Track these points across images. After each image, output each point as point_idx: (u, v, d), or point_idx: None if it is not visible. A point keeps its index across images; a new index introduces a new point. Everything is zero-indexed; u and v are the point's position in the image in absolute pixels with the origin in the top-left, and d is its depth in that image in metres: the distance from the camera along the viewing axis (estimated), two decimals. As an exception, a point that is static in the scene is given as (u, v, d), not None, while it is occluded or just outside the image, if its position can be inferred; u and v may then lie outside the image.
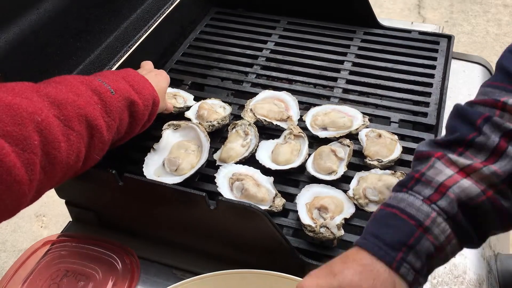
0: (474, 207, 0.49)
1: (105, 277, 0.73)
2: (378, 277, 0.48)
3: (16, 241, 2.00)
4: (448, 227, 0.49)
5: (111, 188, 0.72)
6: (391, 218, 0.50)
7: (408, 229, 0.48)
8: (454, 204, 0.49)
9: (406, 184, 0.52)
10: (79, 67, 0.86)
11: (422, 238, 0.48)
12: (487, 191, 0.49)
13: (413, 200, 0.50)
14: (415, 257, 0.48)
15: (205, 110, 0.89)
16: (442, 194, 0.49)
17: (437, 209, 0.49)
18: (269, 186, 0.78)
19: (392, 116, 0.92)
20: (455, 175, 0.49)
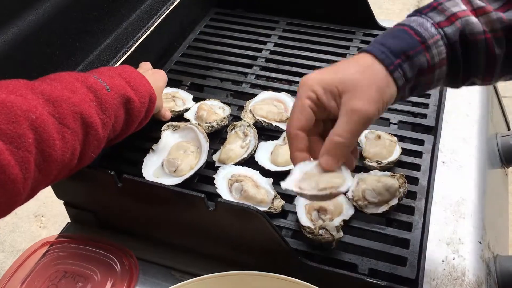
0: (472, 42, 0.54)
1: (103, 278, 0.73)
2: (376, 75, 0.53)
3: (15, 241, 2.00)
4: (445, 51, 0.54)
5: (110, 189, 0.72)
6: (400, 32, 0.55)
7: (412, 42, 0.54)
8: (457, 33, 0.54)
9: (422, 10, 0.57)
10: (79, 68, 0.85)
11: (421, 53, 0.54)
12: (487, 33, 0.54)
13: (424, 21, 0.55)
14: (409, 66, 0.54)
15: (204, 111, 0.89)
16: (451, 22, 0.54)
17: (442, 33, 0.54)
18: (268, 187, 0.78)
19: (391, 117, 0.92)
20: (467, 11, 0.54)
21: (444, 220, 0.80)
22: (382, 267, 0.69)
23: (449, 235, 0.78)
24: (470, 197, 0.84)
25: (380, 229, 0.74)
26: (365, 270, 0.69)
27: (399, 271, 0.69)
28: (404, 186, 0.76)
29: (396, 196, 0.75)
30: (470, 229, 0.79)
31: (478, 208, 0.82)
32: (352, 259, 0.71)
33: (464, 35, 0.54)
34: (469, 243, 0.77)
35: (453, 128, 0.95)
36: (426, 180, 0.79)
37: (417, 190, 0.78)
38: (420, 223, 0.74)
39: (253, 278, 0.65)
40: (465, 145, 0.92)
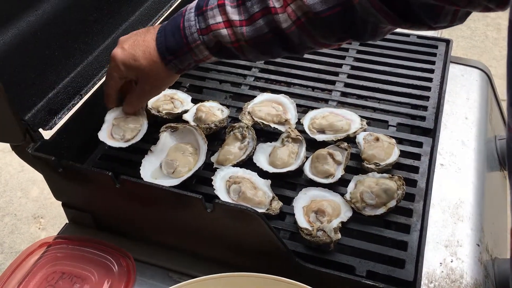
0: (225, 47, 0.70)
1: (101, 280, 0.73)
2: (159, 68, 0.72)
3: (14, 242, 2.00)
4: (207, 51, 0.71)
5: (108, 190, 0.72)
6: (176, 31, 0.70)
7: (181, 44, 0.70)
8: (212, 41, 0.69)
9: (202, 6, 0.69)
10: (77, 69, 0.86)
11: (187, 54, 0.71)
12: (235, 43, 0.69)
13: (193, 25, 0.69)
14: (179, 62, 0.72)
15: (203, 113, 0.89)
16: (208, 32, 0.69)
17: (202, 39, 0.69)
18: (266, 189, 0.78)
19: (390, 119, 0.92)
20: (221, 23, 0.68)
21: (442, 222, 0.80)
22: (380, 269, 0.69)
23: (447, 237, 0.78)
24: (469, 200, 0.84)
25: (378, 231, 0.74)
26: (363, 272, 0.69)
27: (397, 273, 0.69)
28: (402, 188, 0.76)
29: (394, 198, 0.75)
30: (468, 231, 0.79)
31: (476, 210, 0.82)
32: (350, 261, 0.70)
33: (218, 42, 0.69)
34: (468, 245, 0.77)
35: (451, 131, 0.95)
36: (424, 183, 0.79)
37: (416, 192, 0.78)
38: (418, 225, 0.73)
39: (251, 280, 0.65)
40: (464, 147, 0.92)
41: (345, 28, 0.66)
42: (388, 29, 0.68)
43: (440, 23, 0.64)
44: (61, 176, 0.74)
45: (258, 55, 0.72)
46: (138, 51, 0.72)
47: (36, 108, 0.77)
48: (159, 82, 0.76)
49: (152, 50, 0.72)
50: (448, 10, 0.62)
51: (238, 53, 0.71)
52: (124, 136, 0.80)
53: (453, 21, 0.64)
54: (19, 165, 2.27)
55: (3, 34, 0.73)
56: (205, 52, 0.71)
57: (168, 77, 0.76)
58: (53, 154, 0.73)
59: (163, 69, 0.73)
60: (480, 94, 1.05)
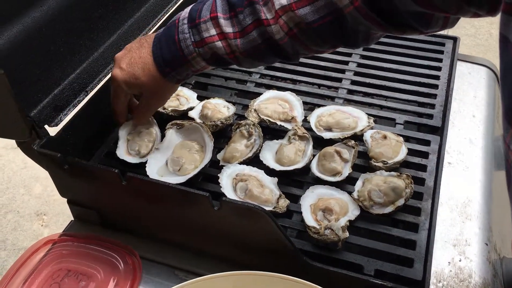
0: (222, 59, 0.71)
1: (106, 277, 0.72)
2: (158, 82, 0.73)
3: (17, 239, 2.00)
4: (204, 62, 0.72)
5: (114, 187, 0.72)
6: (171, 43, 0.71)
7: (178, 56, 0.71)
8: (208, 53, 0.70)
9: (194, 18, 0.70)
10: (83, 65, 0.85)
11: (184, 65, 0.72)
12: (230, 54, 0.70)
13: (188, 37, 0.70)
14: (177, 73, 0.73)
15: (209, 110, 0.89)
16: (203, 45, 0.69)
17: (197, 51, 0.70)
18: (273, 187, 0.78)
19: (397, 117, 0.91)
20: (215, 36, 0.69)
21: (450, 221, 0.79)
22: (388, 268, 0.69)
23: (455, 236, 0.77)
24: (477, 199, 0.83)
25: (386, 230, 0.73)
26: (371, 271, 0.68)
27: (405, 273, 0.68)
28: (410, 187, 0.75)
29: (402, 196, 0.74)
30: (476, 230, 0.78)
31: (484, 209, 0.82)
32: (357, 260, 0.70)
33: (214, 53, 0.70)
34: (476, 244, 0.76)
35: (459, 129, 0.95)
36: (432, 181, 0.78)
37: (424, 191, 0.78)
38: (427, 224, 0.73)
39: (258, 278, 0.64)
40: (472, 146, 0.92)
41: (337, 36, 0.67)
42: (380, 34, 0.69)
43: (432, 28, 0.64)
44: (67, 173, 0.73)
45: (254, 63, 0.73)
46: (137, 69, 0.73)
47: (41, 104, 0.77)
48: (162, 95, 0.78)
49: (151, 66, 0.72)
50: (439, 17, 0.62)
51: (234, 62, 0.72)
52: (140, 152, 0.82)
53: (444, 25, 0.64)
54: (22, 162, 2.27)
55: (8, 30, 0.73)
56: (202, 63, 0.72)
57: (169, 88, 0.77)
58: (58, 150, 0.72)
59: (163, 82, 0.74)
60: (487, 92, 1.04)
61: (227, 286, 0.64)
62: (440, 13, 0.61)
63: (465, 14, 0.59)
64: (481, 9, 0.56)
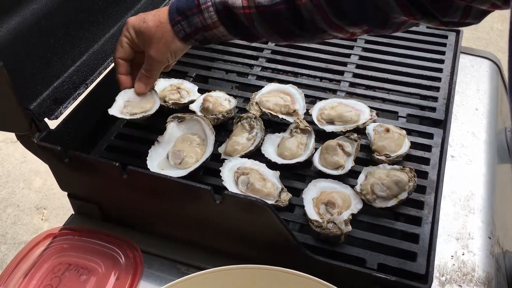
0: (235, 14, 0.69)
1: (107, 271, 0.72)
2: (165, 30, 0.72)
3: (17, 233, 1.99)
4: (216, 16, 0.69)
5: (114, 180, 0.71)
6: None
7: (192, 4, 0.69)
8: (222, 5, 0.68)
9: None
10: (83, 58, 0.84)
11: (196, 15, 0.70)
12: (246, 9, 0.67)
13: None
14: (187, 24, 0.71)
15: (210, 103, 0.88)
16: None
17: (213, 1, 0.68)
18: (275, 180, 0.77)
19: (400, 110, 0.90)
20: None
21: (453, 215, 0.79)
22: (391, 262, 0.68)
23: (458, 230, 0.77)
24: (480, 192, 0.82)
25: (389, 223, 0.73)
26: (374, 265, 0.68)
27: (408, 266, 0.67)
28: (413, 180, 0.75)
29: (405, 190, 0.74)
30: (479, 224, 0.78)
31: (487, 203, 0.81)
32: (360, 254, 0.69)
33: (229, 7, 0.67)
34: (479, 238, 0.76)
35: (462, 122, 0.94)
36: (435, 174, 0.78)
37: (427, 184, 0.77)
38: (430, 218, 0.72)
39: (260, 272, 0.64)
40: (475, 139, 0.91)
41: (357, 9, 0.65)
42: (400, 22, 0.67)
43: (450, 17, 0.63)
44: (67, 166, 0.72)
45: (267, 28, 0.70)
46: (149, 15, 0.74)
47: (41, 97, 0.76)
48: (164, 46, 0.74)
49: (162, 13, 0.72)
50: (458, 6, 0.61)
51: (247, 23, 0.69)
52: (132, 111, 0.79)
53: (465, 17, 0.63)
54: (21, 155, 2.27)
55: (7, 22, 0.72)
56: (215, 16, 0.69)
57: (174, 42, 0.73)
58: (58, 144, 0.72)
59: (170, 31, 0.72)
60: (490, 85, 1.03)
61: (229, 280, 0.64)
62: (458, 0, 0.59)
63: (482, 3, 0.57)
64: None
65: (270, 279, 0.63)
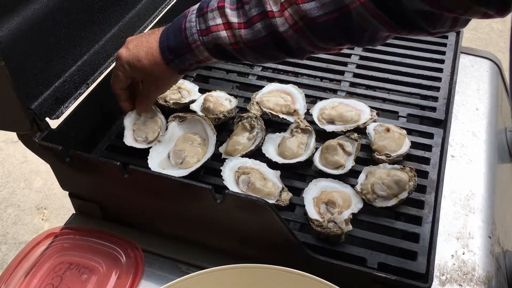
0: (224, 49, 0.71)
1: (109, 270, 0.72)
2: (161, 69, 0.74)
3: (17, 233, 1.99)
4: (207, 53, 0.72)
5: (116, 180, 0.71)
6: (178, 32, 0.72)
7: (182, 44, 0.72)
8: (211, 42, 0.70)
9: (203, 8, 0.71)
10: (84, 57, 0.84)
11: (187, 53, 0.72)
12: (234, 45, 0.69)
13: (194, 26, 0.71)
14: (180, 61, 0.73)
15: (211, 103, 0.88)
16: (208, 33, 0.70)
17: (202, 40, 0.71)
18: (276, 180, 0.77)
19: (400, 110, 0.90)
20: (221, 25, 0.69)
21: (453, 214, 0.79)
22: (391, 261, 0.68)
23: (458, 229, 0.77)
24: (480, 192, 0.83)
25: (389, 222, 0.73)
26: (374, 264, 0.68)
27: (408, 265, 0.68)
28: (413, 180, 0.75)
29: (405, 189, 0.74)
30: (480, 223, 0.78)
31: (487, 202, 0.81)
32: (361, 253, 0.70)
33: (218, 44, 0.70)
34: (479, 237, 0.76)
35: (462, 122, 0.94)
36: (436, 174, 0.78)
37: (427, 184, 0.77)
38: (430, 217, 0.72)
39: (261, 271, 0.64)
40: (475, 139, 0.91)
41: (342, 33, 0.66)
42: (386, 35, 0.67)
43: (439, 28, 0.63)
44: (68, 165, 0.73)
45: (257, 57, 0.72)
46: (141, 51, 0.74)
47: (42, 97, 0.76)
48: (162, 82, 0.78)
49: (154, 51, 0.73)
50: (447, 17, 0.61)
51: (237, 55, 0.71)
52: (147, 138, 0.83)
53: (453, 26, 0.63)
54: (22, 156, 2.27)
55: (8, 22, 0.72)
56: (205, 53, 0.72)
57: (170, 77, 0.77)
58: (60, 143, 0.72)
59: (165, 69, 0.74)
60: (490, 85, 1.03)
61: (230, 279, 0.64)
62: (448, 14, 0.59)
63: (474, 14, 0.57)
64: (490, 8, 0.55)
65: (270, 278, 0.63)
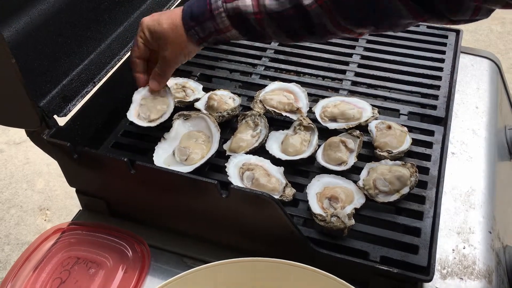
0: (245, 18, 0.70)
1: (115, 265, 0.73)
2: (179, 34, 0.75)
3: (20, 234, 2.00)
4: (228, 21, 0.72)
5: (122, 176, 0.72)
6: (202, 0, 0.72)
7: (205, 10, 0.72)
8: (234, 10, 0.70)
9: None
10: (90, 56, 0.86)
11: (209, 20, 0.72)
12: (257, 14, 0.69)
13: None
14: (200, 29, 0.74)
15: (215, 101, 0.89)
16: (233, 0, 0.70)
17: (225, 7, 0.70)
18: (280, 176, 0.79)
19: (401, 108, 0.92)
20: None
21: (454, 210, 0.80)
22: (393, 255, 0.70)
23: (459, 224, 0.78)
24: (480, 188, 0.84)
25: (391, 217, 0.74)
26: (376, 258, 0.69)
27: (410, 259, 0.69)
28: (415, 176, 0.76)
29: (407, 185, 0.75)
30: (480, 219, 0.79)
31: (488, 198, 0.83)
32: (363, 247, 0.71)
33: (240, 12, 0.70)
34: (479, 232, 0.77)
35: (462, 120, 0.96)
36: (436, 170, 0.79)
37: (428, 179, 0.78)
38: (431, 212, 0.74)
39: (265, 265, 0.65)
40: (475, 136, 0.92)
41: (366, 12, 0.66)
42: (407, 22, 0.67)
43: (460, 16, 0.63)
44: (76, 162, 0.74)
45: (278, 32, 0.72)
46: (164, 17, 0.76)
47: (50, 95, 0.77)
48: (179, 49, 0.77)
49: (177, 16, 0.75)
50: (468, 5, 0.61)
51: (259, 27, 0.71)
52: (150, 116, 0.83)
53: (475, 15, 0.63)
54: (24, 157, 2.28)
55: (15, 22, 0.73)
56: (226, 21, 0.72)
57: (188, 45, 0.77)
58: (67, 140, 0.73)
59: (184, 36, 0.75)
60: (490, 84, 1.05)
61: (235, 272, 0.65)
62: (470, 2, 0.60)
63: (496, 3, 0.58)
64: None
65: (274, 271, 0.64)
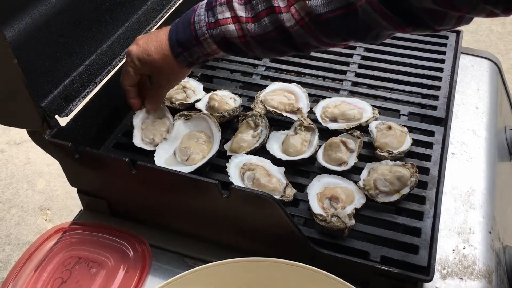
0: (231, 43, 0.72)
1: (117, 265, 0.73)
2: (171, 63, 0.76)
3: (21, 234, 2.01)
4: (215, 45, 0.73)
5: (123, 176, 0.73)
6: (187, 25, 0.74)
7: (191, 37, 0.73)
8: (219, 35, 0.72)
9: (211, 2, 0.73)
10: (92, 57, 0.86)
11: (196, 46, 0.74)
12: (241, 38, 0.71)
13: (203, 19, 0.72)
14: (188, 54, 0.75)
15: (216, 102, 0.90)
16: (216, 26, 0.71)
17: (210, 33, 0.72)
18: (280, 176, 0.79)
19: (401, 109, 0.92)
20: (229, 18, 0.71)
21: (454, 210, 0.80)
22: (394, 255, 0.70)
23: (459, 224, 0.78)
24: (480, 188, 0.84)
25: (391, 217, 0.74)
26: (377, 258, 0.70)
27: (410, 259, 0.69)
28: (415, 176, 0.76)
29: (407, 185, 0.75)
30: (480, 219, 0.79)
31: (488, 199, 0.83)
32: (364, 247, 0.71)
33: (225, 37, 0.71)
34: (480, 232, 0.78)
35: (462, 120, 0.96)
36: (437, 170, 0.80)
37: (428, 180, 0.79)
38: (431, 212, 0.74)
39: (266, 265, 0.65)
40: (475, 137, 0.93)
41: (348, 30, 0.67)
42: (390, 33, 0.68)
43: (445, 26, 0.64)
44: (77, 162, 0.74)
45: (264, 51, 0.74)
46: (151, 46, 0.76)
47: (52, 95, 0.78)
48: (172, 76, 0.80)
49: (164, 45, 0.75)
50: (452, 15, 0.62)
51: (245, 49, 0.73)
52: (154, 140, 0.84)
53: (457, 24, 0.64)
54: (25, 157, 2.28)
55: (17, 23, 0.74)
56: (213, 46, 0.73)
57: (180, 70, 0.79)
58: (68, 141, 0.73)
59: (174, 62, 0.76)
60: (490, 85, 1.05)
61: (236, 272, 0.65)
62: (455, 12, 0.60)
63: (480, 13, 0.58)
64: (497, 7, 0.55)
65: (275, 271, 0.65)
